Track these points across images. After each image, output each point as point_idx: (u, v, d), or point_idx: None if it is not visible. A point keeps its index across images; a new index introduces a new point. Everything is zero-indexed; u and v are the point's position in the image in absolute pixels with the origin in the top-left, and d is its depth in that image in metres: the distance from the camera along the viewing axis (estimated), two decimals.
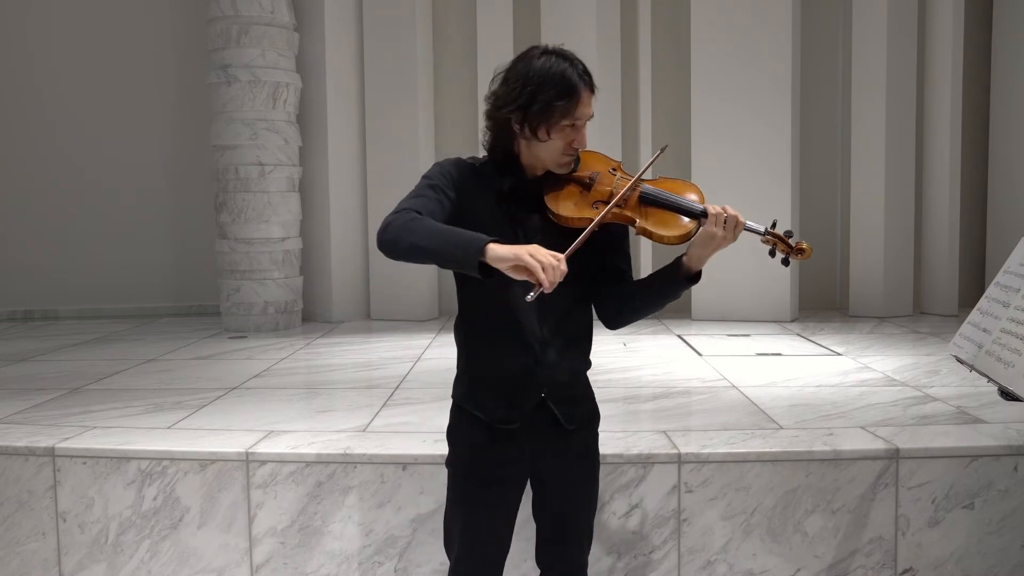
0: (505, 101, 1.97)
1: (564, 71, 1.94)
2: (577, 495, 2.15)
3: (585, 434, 2.15)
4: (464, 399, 2.10)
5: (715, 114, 6.22)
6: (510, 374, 2.03)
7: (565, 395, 2.08)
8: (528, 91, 1.93)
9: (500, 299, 2.00)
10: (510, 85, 1.97)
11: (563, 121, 1.95)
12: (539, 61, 1.96)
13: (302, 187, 6.38)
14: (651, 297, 2.10)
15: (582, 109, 1.97)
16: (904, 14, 6.26)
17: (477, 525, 2.09)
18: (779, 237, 2.07)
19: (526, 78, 1.95)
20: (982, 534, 2.82)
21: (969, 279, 6.61)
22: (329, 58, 6.33)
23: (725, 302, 6.09)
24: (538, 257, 1.76)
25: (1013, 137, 6.45)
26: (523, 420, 2.04)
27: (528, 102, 1.93)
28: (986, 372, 2.18)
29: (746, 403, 3.59)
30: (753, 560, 2.82)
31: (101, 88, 6.99)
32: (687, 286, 2.03)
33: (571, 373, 2.09)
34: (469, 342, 2.10)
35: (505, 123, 1.99)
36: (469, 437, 2.08)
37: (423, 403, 3.65)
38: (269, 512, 2.87)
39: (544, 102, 1.93)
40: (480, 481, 2.06)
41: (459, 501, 2.11)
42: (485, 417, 2.05)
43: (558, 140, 1.97)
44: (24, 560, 2.98)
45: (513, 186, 2.03)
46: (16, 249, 6.99)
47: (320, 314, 6.48)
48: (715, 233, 1.97)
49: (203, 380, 4.25)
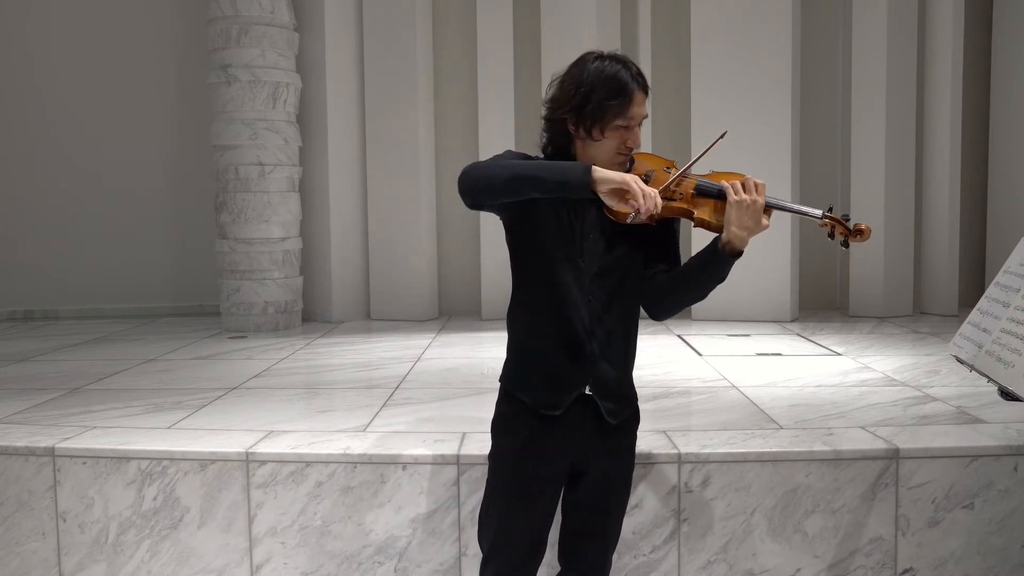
0: (560, 103, 2.06)
1: (617, 72, 2.03)
2: (613, 493, 2.21)
3: (626, 434, 2.22)
4: (511, 381, 2.17)
5: (715, 114, 6.22)
6: (558, 359, 2.10)
7: (609, 390, 2.13)
8: (582, 92, 2.02)
9: (554, 287, 2.08)
10: (565, 88, 2.06)
11: (616, 121, 2.03)
12: (593, 65, 2.04)
13: (302, 187, 6.38)
14: (694, 280, 2.13)
15: (635, 109, 2.04)
16: (904, 14, 6.26)
17: (515, 516, 2.14)
18: (837, 220, 2.16)
19: (580, 80, 2.03)
20: (982, 534, 2.82)
21: (969, 279, 6.61)
22: (329, 58, 6.33)
23: (725, 302, 6.07)
24: (639, 184, 1.91)
25: (1013, 137, 6.45)
26: (567, 409, 2.09)
27: (582, 103, 2.02)
28: (986, 372, 2.18)
29: (746, 403, 3.59)
30: (753, 560, 2.82)
31: (101, 88, 6.99)
32: (731, 262, 2.06)
33: (615, 368, 2.14)
34: (521, 325, 2.18)
35: (561, 124, 2.07)
36: (513, 428, 2.14)
37: (423, 403, 3.65)
38: (269, 512, 2.87)
39: (597, 102, 2.01)
40: (522, 473, 2.12)
41: (498, 493, 2.16)
42: (530, 401, 2.11)
43: (612, 140, 2.05)
44: (24, 560, 2.98)
45: None
46: (16, 249, 6.99)
47: (320, 314, 6.48)
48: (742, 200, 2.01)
49: (203, 380, 4.25)
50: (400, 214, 6.46)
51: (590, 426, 2.12)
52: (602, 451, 2.15)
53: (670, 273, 2.17)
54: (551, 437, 2.11)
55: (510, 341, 2.22)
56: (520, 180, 1.95)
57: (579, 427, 2.12)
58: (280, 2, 6.02)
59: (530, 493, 2.13)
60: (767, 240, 5.99)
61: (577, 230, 2.09)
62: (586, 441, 2.13)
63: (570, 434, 2.12)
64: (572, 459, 2.14)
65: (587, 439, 2.13)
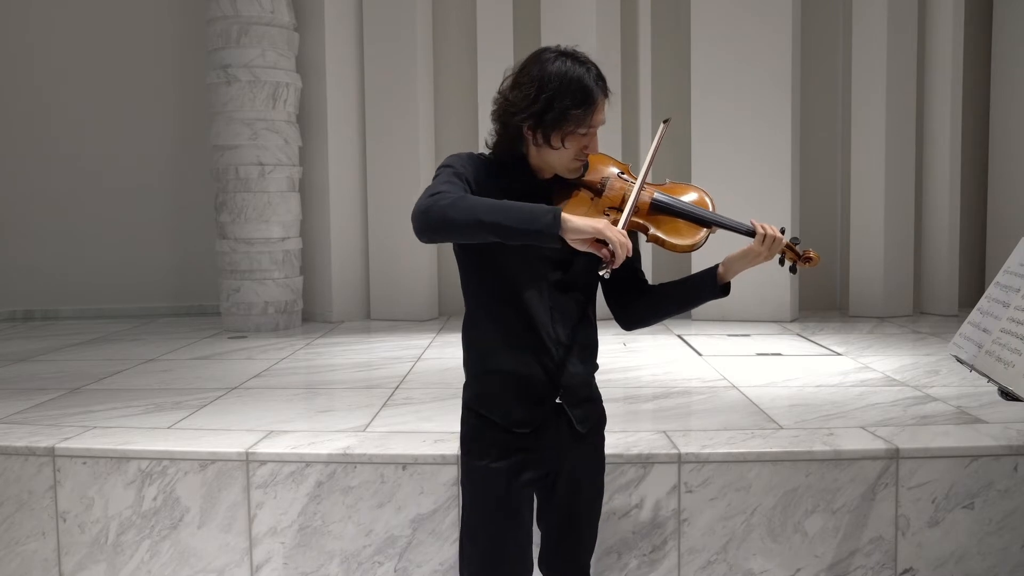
0: (518, 107, 1.90)
1: (581, 77, 1.88)
2: (585, 495, 2.14)
3: (594, 437, 2.15)
4: (478, 402, 2.05)
5: (715, 114, 6.22)
6: (528, 376, 1.99)
7: (579, 398, 2.06)
8: (544, 98, 1.86)
9: (515, 299, 1.98)
10: (523, 90, 1.89)
11: (578, 129, 1.90)
12: (554, 65, 1.88)
13: (302, 187, 6.38)
14: (679, 302, 2.13)
15: (598, 116, 1.93)
16: (904, 14, 6.26)
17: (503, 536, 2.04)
18: (788, 245, 2.05)
19: (541, 83, 1.87)
20: (982, 534, 2.82)
21: (969, 279, 6.61)
22: (329, 58, 6.33)
23: (725, 302, 6.05)
24: (614, 232, 1.76)
25: (1013, 137, 6.45)
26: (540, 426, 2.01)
27: (543, 109, 1.87)
28: (986, 372, 2.18)
29: (746, 403, 3.59)
30: (753, 560, 2.82)
31: (101, 88, 6.99)
32: (720, 295, 2.05)
33: (585, 375, 2.08)
34: (483, 343, 2.05)
35: (517, 129, 1.93)
36: (486, 445, 2.03)
37: (423, 403, 3.65)
38: (269, 512, 2.87)
39: (560, 110, 1.86)
40: (502, 490, 2.01)
41: (480, 514, 2.06)
42: (501, 420, 2.00)
43: (571, 148, 1.93)
44: (24, 560, 2.98)
45: (524, 189, 1.94)
46: (16, 249, 6.99)
47: (320, 314, 6.48)
48: (759, 251, 1.99)
49: (203, 380, 4.25)
50: (400, 214, 6.43)
51: (563, 435, 2.04)
52: (575, 457, 2.07)
53: (653, 291, 2.12)
54: (525, 451, 2.01)
55: (471, 361, 2.08)
56: (484, 227, 1.77)
57: (552, 437, 2.03)
58: (280, 2, 6.02)
59: (512, 509, 2.04)
60: None
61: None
62: (559, 450, 2.05)
63: (543, 445, 2.02)
64: (547, 469, 2.06)
65: (560, 448, 2.05)
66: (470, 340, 2.08)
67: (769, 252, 1.99)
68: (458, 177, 1.91)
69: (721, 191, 6.39)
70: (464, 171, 1.93)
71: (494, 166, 2.00)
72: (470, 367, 2.08)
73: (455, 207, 1.78)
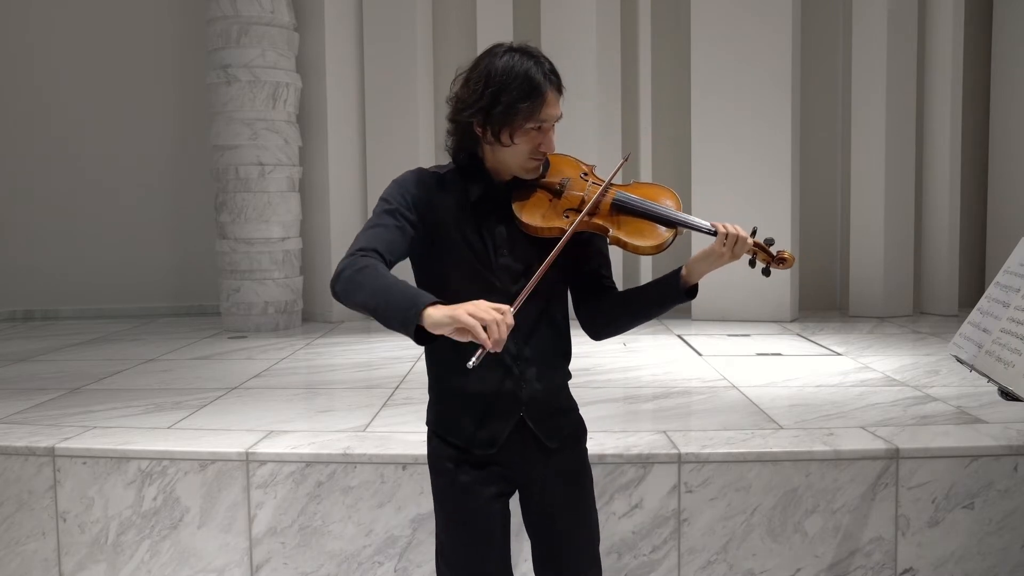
0: (466, 104, 1.84)
1: (528, 70, 1.81)
2: (568, 521, 2.01)
3: (571, 453, 2.02)
4: (438, 425, 1.98)
5: (715, 114, 6.22)
6: (485, 396, 1.91)
7: (546, 411, 1.96)
8: (490, 92, 1.80)
9: None
10: (471, 86, 1.84)
11: (528, 124, 1.82)
12: (502, 60, 1.82)
13: (302, 187, 6.38)
14: (644, 309, 2.00)
15: (548, 110, 1.83)
16: (904, 14, 6.26)
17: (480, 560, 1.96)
18: (760, 246, 1.93)
19: (488, 78, 1.81)
20: (982, 534, 2.82)
21: (969, 279, 6.61)
22: (329, 58, 6.33)
23: (725, 302, 6.08)
24: (478, 315, 1.59)
25: (1013, 137, 6.45)
26: (505, 443, 1.92)
27: (490, 104, 1.80)
28: (986, 372, 2.18)
29: (746, 403, 3.59)
30: (753, 560, 2.82)
31: (101, 88, 6.99)
32: (685, 299, 1.94)
33: (550, 389, 1.96)
34: (438, 364, 1.97)
35: (467, 127, 1.86)
36: (449, 464, 1.95)
37: (423, 403, 3.61)
38: (269, 512, 2.87)
39: (507, 103, 1.79)
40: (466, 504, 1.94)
41: (453, 538, 1.98)
42: (462, 443, 1.93)
43: (523, 144, 1.84)
44: (24, 560, 2.98)
45: (480, 195, 1.89)
46: (16, 249, 6.99)
47: (320, 314, 6.48)
48: (722, 252, 1.88)
49: (203, 380, 4.25)
50: None
51: (529, 452, 1.94)
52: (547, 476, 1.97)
53: (615, 297, 2.01)
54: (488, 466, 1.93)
55: (431, 382, 2.00)
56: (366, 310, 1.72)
57: (518, 451, 1.94)
58: (280, 2, 6.02)
59: (481, 526, 1.94)
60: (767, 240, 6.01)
61: (490, 248, 1.89)
62: (527, 464, 1.95)
63: (509, 460, 1.94)
64: (515, 484, 1.98)
65: (528, 462, 1.95)
66: (428, 360, 2.01)
67: (732, 253, 1.88)
68: (390, 214, 1.85)
69: (721, 191, 6.46)
70: (400, 202, 1.86)
71: (451, 174, 1.93)
72: (431, 387, 2.02)
73: (352, 281, 1.73)
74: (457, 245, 1.86)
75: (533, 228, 1.89)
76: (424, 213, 1.87)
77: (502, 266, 1.90)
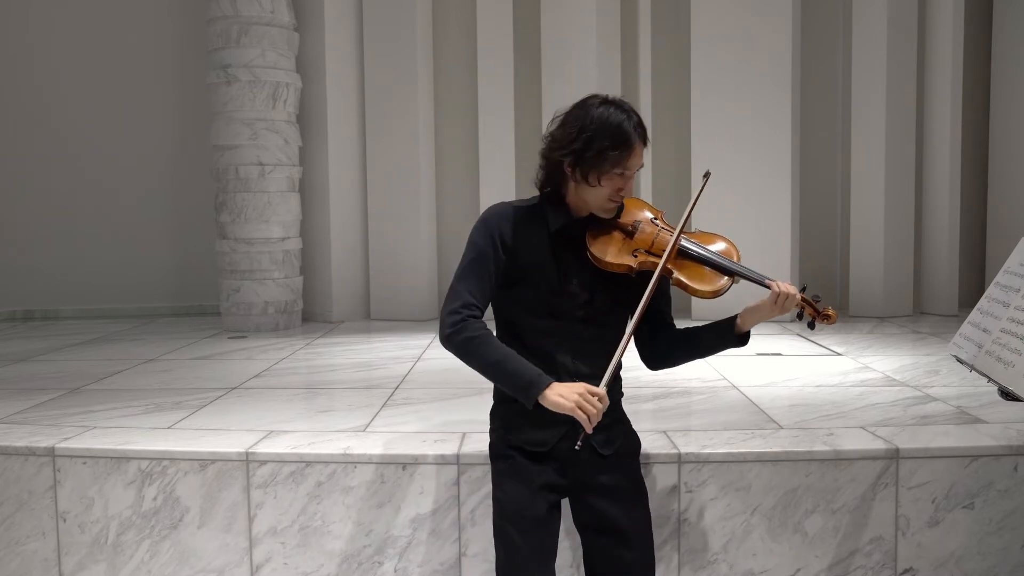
0: (561, 144, 2.08)
1: (621, 123, 2.05)
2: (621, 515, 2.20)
3: (625, 465, 2.25)
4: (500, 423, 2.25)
5: (715, 114, 6.22)
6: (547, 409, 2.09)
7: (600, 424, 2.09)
8: (584, 137, 2.04)
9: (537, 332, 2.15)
10: (567, 129, 2.08)
11: (614, 170, 2.06)
12: (598, 110, 2.07)
13: (302, 187, 6.38)
14: (700, 348, 2.30)
15: (633, 160, 2.08)
16: (904, 14, 6.26)
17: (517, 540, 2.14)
18: (807, 302, 2.19)
19: (583, 125, 2.05)
20: (982, 534, 2.82)
21: (969, 279, 6.61)
22: (329, 58, 6.33)
23: (725, 302, 6.07)
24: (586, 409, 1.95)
25: (1013, 137, 6.45)
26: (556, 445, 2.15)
27: (583, 148, 2.04)
28: (986, 372, 2.18)
29: (746, 403, 3.59)
30: (753, 560, 2.82)
31: (101, 88, 6.99)
32: (738, 345, 2.22)
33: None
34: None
35: (558, 164, 2.11)
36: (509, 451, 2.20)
37: (423, 403, 3.65)
38: (269, 512, 2.87)
39: (598, 150, 2.03)
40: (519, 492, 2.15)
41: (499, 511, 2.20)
42: (515, 440, 2.19)
43: (607, 187, 2.09)
44: (24, 560, 2.98)
45: (560, 226, 2.15)
46: (16, 249, 6.99)
47: (320, 314, 6.48)
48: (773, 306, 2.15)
49: (203, 380, 4.25)
50: (400, 214, 6.46)
51: (583, 459, 2.16)
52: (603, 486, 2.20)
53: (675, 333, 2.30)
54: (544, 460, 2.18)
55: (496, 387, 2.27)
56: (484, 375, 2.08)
57: (572, 460, 2.15)
58: (280, 2, 6.02)
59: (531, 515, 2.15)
60: (767, 240, 6.01)
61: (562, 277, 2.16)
62: (580, 465, 2.18)
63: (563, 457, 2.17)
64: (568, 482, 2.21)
65: (581, 464, 2.18)
66: None
67: (782, 309, 2.14)
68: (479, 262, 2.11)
69: (721, 191, 6.46)
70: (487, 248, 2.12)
71: (537, 207, 2.18)
72: (495, 391, 2.26)
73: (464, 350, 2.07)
74: (533, 269, 2.12)
75: (603, 262, 2.13)
76: (510, 246, 2.14)
77: (569, 292, 2.16)
